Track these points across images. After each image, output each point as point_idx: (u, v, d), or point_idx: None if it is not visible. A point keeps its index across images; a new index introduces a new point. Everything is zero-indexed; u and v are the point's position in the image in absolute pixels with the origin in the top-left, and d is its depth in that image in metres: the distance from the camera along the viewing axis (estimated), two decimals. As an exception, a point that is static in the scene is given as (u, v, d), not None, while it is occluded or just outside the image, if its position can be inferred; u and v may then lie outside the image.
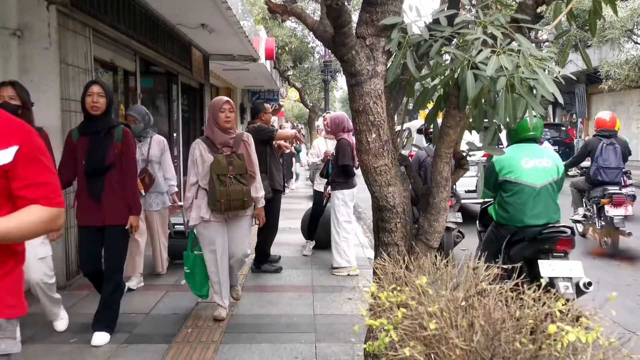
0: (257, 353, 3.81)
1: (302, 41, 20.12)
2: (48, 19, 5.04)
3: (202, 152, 4.28)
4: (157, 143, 5.38)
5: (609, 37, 15.13)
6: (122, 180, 4.01)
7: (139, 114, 5.25)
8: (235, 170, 4.19)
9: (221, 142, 4.30)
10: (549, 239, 3.81)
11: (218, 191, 4.10)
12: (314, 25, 2.78)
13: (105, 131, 3.99)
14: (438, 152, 2.67)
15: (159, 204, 5.47)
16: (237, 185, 4.17)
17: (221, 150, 4.27)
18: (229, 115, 4.31)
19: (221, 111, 4.29)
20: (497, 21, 2.36)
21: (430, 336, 1.34)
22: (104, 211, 3.97)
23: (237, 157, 4.24)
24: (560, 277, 3.71)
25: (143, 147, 5.24)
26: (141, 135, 5.24)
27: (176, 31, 9.52)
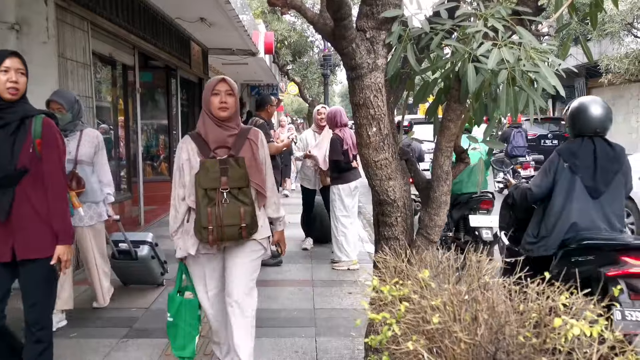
0: (257, 347, 3.80)
1: (301, 35, 20.08)
2: (46, 13, 5.02)
3: (191, 155, 2.97)
4: (90, 139, 4.19)
5: (609, 30, 15.09)
6: (42, 192, 2.80)
7: (66, 100, 4.06)
8: (232, 183, 2.86)
9: (215, 140, 2.95)
10: (477, 200, 5.29)
11: (204, 213, 2.81)
12: (313, 18, 2.77)
13: (16, 123, 2.78)
14: (439, 145, 2.66)
15: (92, 217, 4.23)
16: (234, 205, 2.86)
17: (214, 153, 2.93)
18: (226, 100, 2.95)
19: (214, 93, 2.95)
20: (498, 13, 2.34)
21: (433, 330, 1.33)
22: (16, 239, 2.75)
23: (235, 164, 2.89)
24: (484, 226, 5.15)
25: (71, 144, 4.01)
26: (68, 128, 4.04)
27: (175, 25, 9.48)
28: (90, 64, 5.81)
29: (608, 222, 3.27)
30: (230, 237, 2.90)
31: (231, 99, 2.99)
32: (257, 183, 3.00)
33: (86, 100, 5.67)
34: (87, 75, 5.72)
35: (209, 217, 2.82)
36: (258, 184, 3.00)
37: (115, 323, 4.24)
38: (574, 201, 3.27)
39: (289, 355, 3.69)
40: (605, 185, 3.27)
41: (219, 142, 2.96)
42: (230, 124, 3.01)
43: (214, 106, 2.95)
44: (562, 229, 3.27)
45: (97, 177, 4.28)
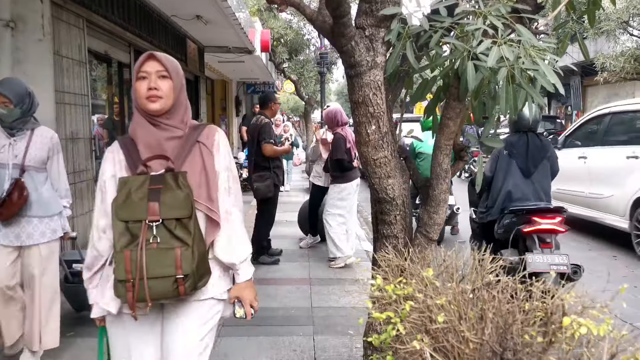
0: (255, 346, 3.80)
1: (298, 33, 20.03)
2: (42, 10, 4.98)
3: (117, 170, 2.03)
4: (43, 140, 3.46)
5: (605, 29, 15.11)
6: None
7: (14, 92, 3.32)
8: (166, 211, 1.87)
9: (147, 146, 1.99)
10: None
11: (120, 259, 1.85)
12: (312, 15, 2.76)
13: None
14: (438, 143, 2.66)
15: (45, 234, 3.43)
16: (166, 245, 1.86)
17: (143, 167, 1.95)
18: (158, 85, 1.98)
19: (140, 77, 2.00)
20: (498, 11, 2.34)
21: (438, 329, 1.33)
22: None
23: (173, 182, 1.91)
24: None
25: (18, 145, 3.36)
26: (15, 126, 3.36)
27: (171, 23, 9.45)
28: (85, 62, 5.78)
29: (537, 195, 4.28)
30: (161, 295, 1.85)
31: (166, 84, 1.97)
32: (208, 206, 1.97)
33: (82, 98, 5.64)
34: (82, 73, 5.69)
35: (126, 265, 1.81)
36: (209, 207, 1.97)
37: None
38: (510, 179, 4.27)
39: (287, 354, 3.69)
40: (534, 167, 4.28)
41: (152, 149, 1.96)
42: (169, 121, 2.00)
43: (140, 95, 1.97)
44: (502, 199, 4.27)
45: (52, 186, 3.53)
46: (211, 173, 2.01)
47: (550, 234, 4.05)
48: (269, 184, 5.88)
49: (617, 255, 6.68)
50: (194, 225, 1.89)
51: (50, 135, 3.54)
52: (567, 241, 7.35)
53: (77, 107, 5.51)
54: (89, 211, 5.81)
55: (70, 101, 5.36)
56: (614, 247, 7.04)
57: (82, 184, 5.64)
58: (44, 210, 3.44)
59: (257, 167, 5.90)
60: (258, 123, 5.97)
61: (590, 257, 6.56)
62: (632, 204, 6.53)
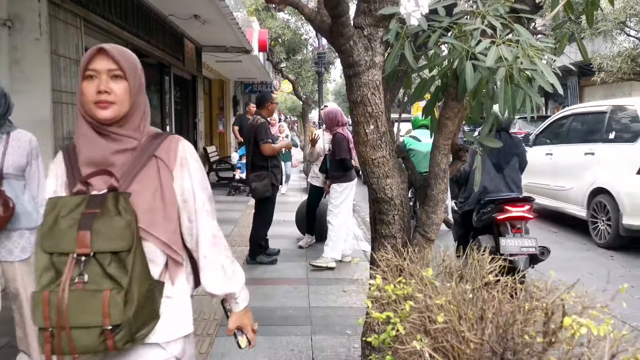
0: (253, 346, 3.80)
1: (295, 33, 20.04)
2: (39, 9, 4.97)
3: (58, 186, 1.67)
4: (22, 144, 3.15)
5: (602, 29, 15.15)
6: None
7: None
8: (99, 243, 1.47)
9: (90, 161, 1.62)
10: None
11: (38, 302, 1.46)
12: (311, 15, 2.75)
13: None
14: (436, 143, 2.65)
15: (25, 249, 3.15)
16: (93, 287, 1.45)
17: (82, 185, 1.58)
18: (111, 87, 1.59)
19: (87, 76, 1.61)
20: (496, 11, 2.34)
21: (438, 329, 1.32)
22: None
23: (113, 206, 1.51)
24: None
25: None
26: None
27: (168, 22, 9.43)
28: (83, 61, 5.77)
29: (508, 187, 4.79)
30: (87, 349, 1.46)
31: (120, 86, 1.58)
32: (162, 240, 1.57)
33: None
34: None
35: (44, 310, 1.43)
36: (163, 241, 1.57)
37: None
38: (485, 173, 4.66)
39: (284, 354, 3.68)
40: (505, 163, 4.75)
41: (96, 164, 1.58)
42: (121, 130, 1.60)
43: (88, 100, 1.57)
44: (478, 191, 4.70)
45: (31, 195, 3.21)
46: (169, 196, 1.59)
47: (521, 221, 4.62)
48: (267, 184, 5.87)
49: (613, 255, 6.70)
50: (134, 261, 1.46)
51: (29, 139, 3.19)
52: (565, 241, 7.37)
53: (74, 106, 5.49)
54: (86, 211, 5.80)
55: (68, 100, 5.35)
56: (611, 248, 7.05)
57: (79, 183, 5.63)
58: (26, 223, 3.12)
59: (255, 167, 5.89)
60: (254, 123, 5.96)
61: (588, 257, 6.58)
62: (588, 194, 7.37)
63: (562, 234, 7.95)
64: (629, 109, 7.24)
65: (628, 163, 6.74)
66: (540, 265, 4.63)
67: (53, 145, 5.05)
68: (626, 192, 6.68)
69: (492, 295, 1.33)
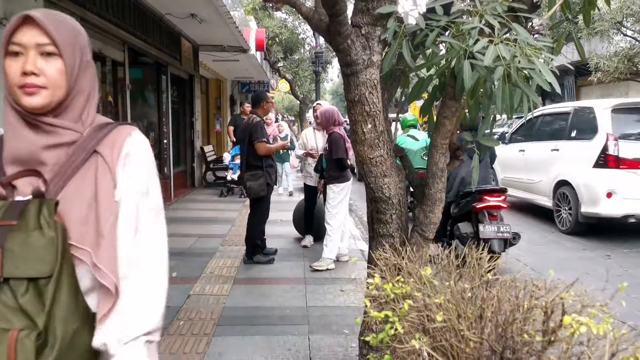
0: (250, 345, 3.79)
1: (293, 32, 20.01)
2: (35, 8, 4.95)
3: None
4: None
5: (599, 29, 15.17)
6: None
7: None
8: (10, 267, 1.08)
9: (14, 157, 1.21)
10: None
11: None
12: (308, 14, 2.75)
13: None
14: (434, 142, 2.65)
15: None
16: (3, 324, 1.06)
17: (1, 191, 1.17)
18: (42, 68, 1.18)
19: (11, 52, 1.21)
20: (494, 10, 2.33)
21: (437, 328, 1.32)
22: None
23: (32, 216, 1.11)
24: None
25: None
26: None
27: (165, 21, 9.41)
28: (80, 60, 5.74)
29: (484, 180, 5.39)
30: None
31: (52, 66, 1.21)
32: (94, 262, 1.16)
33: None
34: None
35: None
36: (95, 264, 1.16)
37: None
38: (463, 167, 5.06)
39: (282, 353, 3.68)
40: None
41: (22, 161, 1.22)
42: (56, 120, 1.24)
43: (12, 82, 1.22)
44: (457, 184, 5.36)
45: None
46: (106, 204, 1.20)
47: (497, 209, 5.27)
48: (262, 183, 5.85)
49: (610, 254, 6.71)
50: (57, 292, 1.10)
51: None
52: (563, 241, 7.39)
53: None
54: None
55: (64, 99, 5.33)
56: (608, 247, 7.07)
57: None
58: None
59: (250, 166, 5.87)
60: (250, 122, 5.93)
61: (585, 257, 6.59)
62: (553, 186, 8.24)
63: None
64: (588, 110, 8.03)
65: (586, 158, 7.58)
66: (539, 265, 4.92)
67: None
68: (584, 183, 7.54)
69: (492, 294, 1.32)
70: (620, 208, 7.25)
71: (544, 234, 7.94)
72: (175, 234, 7.40)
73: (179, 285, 5.10)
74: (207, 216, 8.87)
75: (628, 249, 6.98)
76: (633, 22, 14.93)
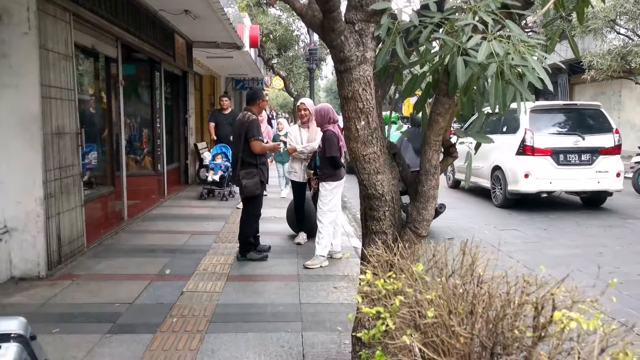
0: (243, 342, 3.79)
1: (287, 29, 19.99)
2: (27, 3, 4.91)
3: None
4: None
5: (592, 27, 15.23)
6: None
7: None
8: None
9: None
10: None
11: None
12: (302, 10, 2.74)
13: None
14: (427, 140, 2.65)
15: None
16: None
17: None
18: None
19: None
20: (488, 7, 2.33)
21: (428, 324, 1.32)
22: None
23: None
24: None
25: None
26: None
27: (159, 17, 9.37)
28: (72, 56, 5.71)
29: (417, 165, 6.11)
30: None
31: None
32: None
33: (68, 92, 5.58)
34: (69, 68, 5.62)
35: None
36: None
37: (98, 318, 4.18)
38: (408, 154, 5.81)
39: (275, 350, 3.68)
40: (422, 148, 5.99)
41: None
42: None
43: None
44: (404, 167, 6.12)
45: None
46: None
47: None
48: (257, 182, 5.84)
49: (602, 251, 6.75)
50: None
51: None
52: (558, 240, 7.41)
53: (63, 101, 5.44)
54: (75, 207, 5.75)
55: (57, 95, 5.30)
56: (599, 244, 7.11)
57: (69, 179, 5.58)
58: None
59: (244, 164, 5.85)
60: (245, 120, 5.88)
61: (576, 254, 6.62)
62: (490, 170, 10.32)
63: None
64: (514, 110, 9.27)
65: (511, 147, 9.72)
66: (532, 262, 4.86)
67: (42, 141, 5.00)
68: (509, 167, 9.72)
69: (483, 290, 1.32)
70: (534, 186, 9.48)
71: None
72: (169, 231, 7.38)
73: (172, 282, 5.09)
74: (200, 213, 8.85)
75: (620, 247, 7.02)
76: (626, 20, 14.99)
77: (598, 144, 9.55)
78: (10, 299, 4.59)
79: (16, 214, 5.07)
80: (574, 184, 9.52)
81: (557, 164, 9.44)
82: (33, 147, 5.01)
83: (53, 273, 5.25)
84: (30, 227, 5.09)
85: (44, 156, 5.06)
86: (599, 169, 9.48)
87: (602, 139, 9.62)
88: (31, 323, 4.09)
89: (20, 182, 5.04)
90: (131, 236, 7.08)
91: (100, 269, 5.51)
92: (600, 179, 9.47)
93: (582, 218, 8.93)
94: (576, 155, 9.47)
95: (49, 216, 5.16)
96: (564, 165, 9.47)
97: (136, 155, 10.11)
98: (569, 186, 9.59)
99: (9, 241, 5.08)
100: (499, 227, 8.31)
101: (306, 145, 6.56)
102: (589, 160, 9.50)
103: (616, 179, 9.57)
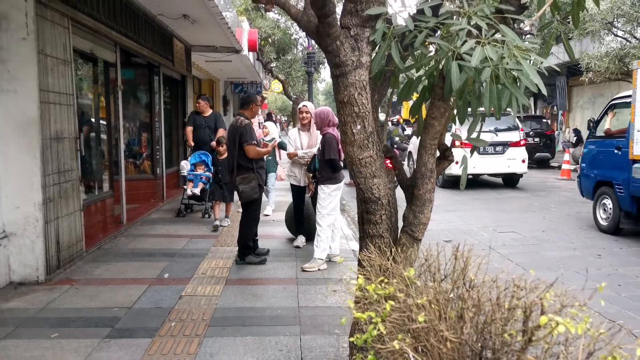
0: (241, 346, 3.79)
1: (285, 33, 20.02)
2: (26, 8, 4.93)
3: None
4: None
5: (590, 29, 15.26)
6: None
7: None
8: None
9: None
10: None
11: None
12: (297, 15, 2.75)
13: None
14: (423, 143, 2.66)
15: None
16: None
17: None
18: None
19: None
20: (482, 11, 2.35)
21: (419, 329, 1.33)
22: None
23: None
24: None
25: None
26: None
27: (157, 22, 9.39)
28: (70, 61, 5.72)
29: None
30: None
31: None
32: None
33: (67, 97, 5.59)
34: (67, 72, 5.63)
35: None
36: None
37: (97, 323, 4.19)
38: None
39: (273, 354, 3.68)
40: None
41: None
42: None
43: None
44: None
45: None
46: None
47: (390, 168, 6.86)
48: (254, 186, 5.84)
49: (601, 254, 6.76)
50: None
51: None
52: (556, 240, 7.42)
53: (62, 106, 5.45)
54: (74, 212, 5.76)
55: (55, 100, 5.31)
56: (598, 246, 7.12)
57: (67, 184, 5.59)
58: None
59: (241, 169, 5.85)
60: (238, 125, 5.86)
61: (575, 255, 6.63)
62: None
63: None
64: None
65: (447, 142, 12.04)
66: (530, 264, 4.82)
67: (40, 145, 5.02)
68: None
69: (472, 295, 1.33)
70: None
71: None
72: (168, 235, 7.38)
73: (170, 286, 5.09)
74: (199, 217, 8.85)
75: (618, 248, 7.03)
76: (624, 23, 15.02)
77: (508, 138, 13.12)
78: (9, 303, 4.59)
79: (15, 219, 5.08)
80: (491, 167, 13.16)
81: (478, 154, 12.74)
82: (31, 152, 5.03)
83: (52, 278, 5.25)
84: (29, 231, 5.10)
85: (43, 161, 5.07)
86: (509, 157, 13.15)
87: (511, 135, 13.19)
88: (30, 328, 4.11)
89: (18, 187, 5.05)
90: (130, 240, 7.09)
91: (98, 274, 5.52)
92: (510, 164, 13.18)
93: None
94: (493, 147, 12.96)
95: (47, 221, 5.17)
96: (484, 155, 13.00)
97: (135, 159, 10.12)
98: (487, 169, 13.14)
99: (7, 246, 5.09)
100: (497, 230, 8.32)
101: (307, 151, 6.57)
102: (502, 151, 13.15)
103: (521, 164, 13.24)
